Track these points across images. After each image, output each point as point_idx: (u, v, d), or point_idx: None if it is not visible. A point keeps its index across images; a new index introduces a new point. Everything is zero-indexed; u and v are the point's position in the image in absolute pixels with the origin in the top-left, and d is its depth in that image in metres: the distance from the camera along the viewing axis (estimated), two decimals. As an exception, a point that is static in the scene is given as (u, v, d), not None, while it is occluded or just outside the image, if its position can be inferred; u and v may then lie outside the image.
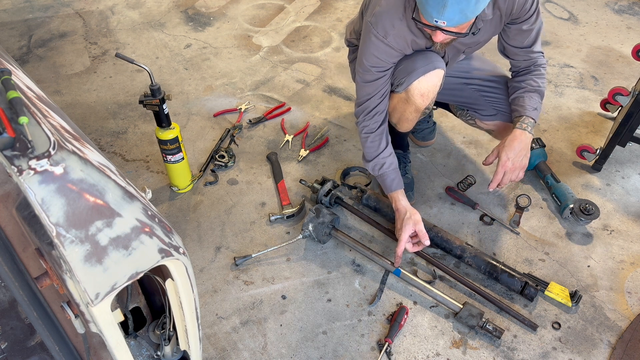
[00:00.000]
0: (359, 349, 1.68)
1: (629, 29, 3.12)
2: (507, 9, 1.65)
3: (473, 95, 1.94)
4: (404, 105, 1.79)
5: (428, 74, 1.69)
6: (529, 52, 1.78)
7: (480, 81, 1.93)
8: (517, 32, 1.73)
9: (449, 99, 2.02)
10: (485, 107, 1.94)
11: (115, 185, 0.84)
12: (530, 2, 1.64)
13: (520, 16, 1.68)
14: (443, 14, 1.39)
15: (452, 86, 1.94)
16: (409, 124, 1.90)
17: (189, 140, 2.42)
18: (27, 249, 1.05)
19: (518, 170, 1.76)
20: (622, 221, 2.05)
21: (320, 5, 3.39)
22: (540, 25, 1.73)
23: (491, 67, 1.99)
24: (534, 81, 1.79)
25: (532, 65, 1.81)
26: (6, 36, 3.12)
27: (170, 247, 0.91)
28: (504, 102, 1.90)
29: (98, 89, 2.73)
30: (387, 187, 1.86)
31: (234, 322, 1.75)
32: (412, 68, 1.69)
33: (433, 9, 1.39)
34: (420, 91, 1.71)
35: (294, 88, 2.72)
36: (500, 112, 1.92)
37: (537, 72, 1.81)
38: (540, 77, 1.80)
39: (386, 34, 1.61)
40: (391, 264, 1.83)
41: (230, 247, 1.97)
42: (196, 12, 3.34)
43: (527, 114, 1.75)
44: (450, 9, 1.37)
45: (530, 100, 1.77)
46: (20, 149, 0.76)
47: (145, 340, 1.27)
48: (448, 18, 1.40)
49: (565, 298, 1.77)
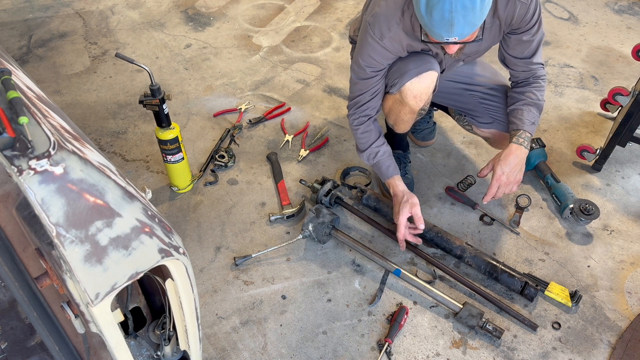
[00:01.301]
0: (359, 349, 1.68)
1: (629, 29, 3.12)
2: (506, 18, 1.63)
3: (472, 101, 1.94)
4: (398, 107, 1.80)
5: (421, 76, 1.69)
6: (529, 63, 1.75)
7: (479, 88, 1.92)
8: (517, 42, 1.71)
9: (448, 102, 2.02)
10: (483, 114, 1.93)
11: (115, 185, 0.84)
12: (532, 13, 1.62)
13: (520, 26, 1.66)
14: (452, 32, 1.37)
15: (452, 90, 1.94)
16: (406, 125, 1.90)
17: (189, 140, 2.42)
18: (27, 249, 1.05)
19: (512, 184, 1.78)
20: (622, 221, 2.05)
21: (320, 5, 3.39)
22: (541, 37, 1.71)
23: (492, 75, 1.97)
24: (533, 94, 1.77)
25: (532, 77, 1.79)
26: (6, 36, 3.12)
27: (170, 247, 0.91)
28: (501, 111, 1.89)
29: (98, 89, 2.73)
30: (384, 174, 1.88)
31: (234, 322, 1.75)
32: (405, 69, 1.69)
33: (441, 30, 1.38)
34: (412, 92, 1.71)
35: (294, 88, 2.72)
36: (497, 120, 1.91)
37: (537, 85, 1.78)
38: (539, 90, 1.78)
39: (382, 36, 1.61)
40: (390, 264, 1.83)
41: (230, 247, 1.97)
42: (196, 12, 3.34)
43: (525, 128, 1.75)
44: (458, 25, 1.36)
45: (528, 114, 1.76)
46: (20, 149, 0.76)
47: (145, 340, 1.27)
48: (458, 33, 1.38)
49: (565, 298, 1.77)
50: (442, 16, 1.34)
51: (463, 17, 1.34)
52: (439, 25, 1.37)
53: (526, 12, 1.61)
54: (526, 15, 1.61)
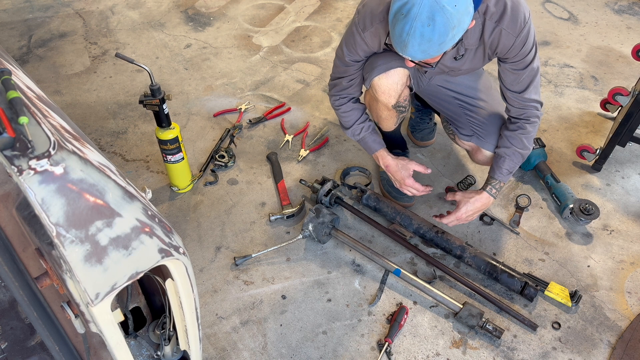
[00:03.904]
0: (359, 349, 1.68)
1: (629, 29, 3.12)
2: (491, 44, 1.59)
3: (457, 111, 1.93)
4: (374, 102, 1.83)
5: (389, 72, 1.69)
6: (520, 97, 1.68)
7: (468, 99, 1.90)
8: (506, 72, 1.67)
9: (437, 107, 2.02)
10: (465, 125, 1.92)
11: (115, 185, 0.84)
12: (519, 47, 1.56)
13: (508, 57, 1.61)
14: (405, 52, 1.40)
15: (442, 96, 1.93)
16: (388, 123, 1.92)
17: (189, 140, 2.42)
18: (27, 249, 1.05)
19: (462, 221, 1.85)
20: (622, 221, 2.05)
21: (320, 5, 3.39)
22: (534, 74, 1.64)
23: (485, 89, 1.92)
24: (520, 141, 1.75)
25: (524, 116, 1.72)
26: (6, 36, 3.12)
27: (170, 247, 0.91)
28: (482, 127, 1.87)
29: (98, 89, 2.73)
30: (370, 148, 1.92)
31: (234, 322, 1.75)
32: (374, 65, 1.70)
33: (396, 45, 1.41)
34: (381, 88, 1.73)
35: (294, 88, 2.72)
36: (477, 134, 1.90)
37: (525, 131, 1.73)
38: (527, 137, 1.74)
39: (365, 28, 1.62)
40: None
41: (230, 247, 1.97)
42: (196, 12, 3.34)
43: (501, 179, 1.80)
44: (411, 48, 1.38)
45: (509, 163, 1.78)
46: (20, 149, 0.76)
47: (145, 340, 1.27)
48: (410, 55, 1.41)
49: (565, 298, 1.77)
50: (400, 34, 1.37)
51: (418, 44, 1.36)
52: (396, 40, 1.40)
53: (512, 44, 1.55)
54: (512, 47, 1.56)
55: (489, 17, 1.53)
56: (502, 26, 1.53)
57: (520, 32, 1.53)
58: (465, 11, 1.35)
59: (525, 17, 1.53)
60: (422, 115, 2.32)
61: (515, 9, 1.51)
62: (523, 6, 1.53)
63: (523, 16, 1.52)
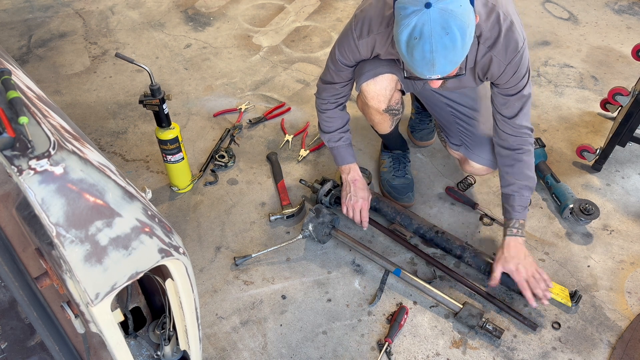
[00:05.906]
0: (359, 349, 1.68)
1: (629, 29, 3.12)
2: (482, 66, 1.57)
3: (449, 118, 1.92)
4: (366, 108, 1.82)
5: (376, 78, 1.67)
6: (511, 123, 1.66)
7: (461, 108, 1.89)
8: (497, 95, 1.65)
9: (431, 112, 2.01)
10: (455, 134, 1.92)
11: (115, 185, 0.84)
12: (510, 73, 1.53)
13: (499, 83, 1.60)
14: (434, 71, 1.34)
15: (436, 102, 1.93)
16: (383, 126, 1.91)
17: (189, 140, 2.42)
18: (27, 249, 1.05)
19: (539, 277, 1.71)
20: (622, 221, 2.05)
21: (320, 5, 3.39)
22: (525, 100, 1.61)
23: (479, 98, 1.90)
24: (523, 174, 1.72)
25: (516, 144, 1.70)
26: (6, 36, 3.12)
27: (170, 247, 0.91)
28: (471, 138, 1.87)
29: (98, 89, 2.73)
30: (343, 158, 1.93)
31: (234, 322, 1.75)
32: (363, 71, 1.69)
33: (423, 69, 1.34)
34: (370, 94, 1.72)
35: (293, 88, 2.72)
36: (465, 145, 1.90)
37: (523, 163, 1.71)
38: (528, 167, 1.72)
39: (360, 36, 1.60)
40: (389, 262, 1.83)
41: (230, 247, 1.97)
42: (196, 12, 3.34)
43: (517, 217, 1.74)
44: (439, 65, 1.32)
45: (520, 199, 1.73)
46: (20, 149, 0.76)
47: (145, 340, 1.27)
48: (441, 72, 1.35)
49: (565, 298, 1.77)
50: (423, 57, 1.31)
51: (444, 56, 1.30)
52: (420, 65, 1.33)
53: (503, 71, 1.53)
54: (503, 74, 1.54)
55: (482, 42, 1.50)
56: (494, 53, 1.51)
57: (512, 59, 1.51)
58: (469, 9, 1.34)
59: (518, 45, 1.49)
60: (422, 117, 2.33)
61: (509, 36, 1.48)
62: (517, 33, 1.49)
63: (516, 44, 1.49)
